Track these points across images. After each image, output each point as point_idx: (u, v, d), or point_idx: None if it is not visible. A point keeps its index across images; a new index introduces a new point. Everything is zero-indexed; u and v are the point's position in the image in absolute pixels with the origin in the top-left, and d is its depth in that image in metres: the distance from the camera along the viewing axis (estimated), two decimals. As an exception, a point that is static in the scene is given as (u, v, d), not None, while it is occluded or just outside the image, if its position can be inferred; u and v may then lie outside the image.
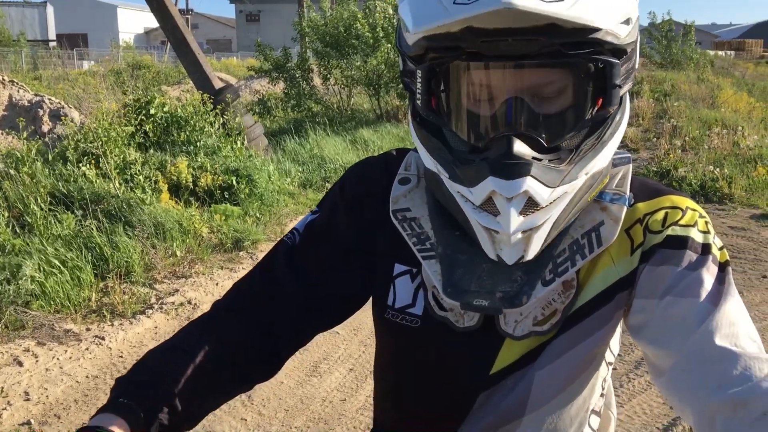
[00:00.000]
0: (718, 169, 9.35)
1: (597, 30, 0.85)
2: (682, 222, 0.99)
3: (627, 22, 0.90)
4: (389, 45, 13.61)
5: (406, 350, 1.10)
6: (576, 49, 0.86)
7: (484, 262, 0.98)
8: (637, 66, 0.97)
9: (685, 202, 1.02)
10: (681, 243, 0.97)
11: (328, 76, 14.41)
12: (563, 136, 0.92)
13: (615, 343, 1.09)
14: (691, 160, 10.31)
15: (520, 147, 0.88)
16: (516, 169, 0.87)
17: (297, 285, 1.10)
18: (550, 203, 0.90)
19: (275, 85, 14.82)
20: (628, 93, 0.98)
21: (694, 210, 1.01)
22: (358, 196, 1.15)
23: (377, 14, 13.86)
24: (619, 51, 0.90)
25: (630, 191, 1.02)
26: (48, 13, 43.37)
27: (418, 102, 0.96)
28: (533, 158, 0.88)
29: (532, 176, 0.87)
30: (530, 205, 0.89)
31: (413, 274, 1.08)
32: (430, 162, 0.99)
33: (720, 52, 42.92)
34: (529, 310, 0.98)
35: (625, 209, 0.99)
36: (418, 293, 1.07)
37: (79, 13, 56.79)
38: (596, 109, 0.93)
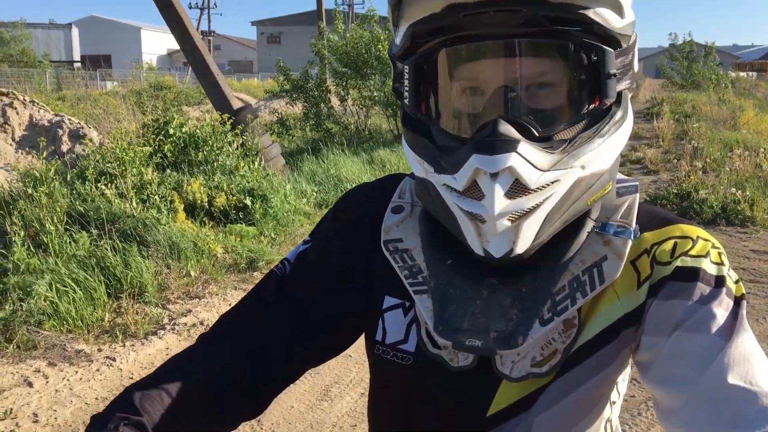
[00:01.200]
0: (740, 192, 9.19)
1: (584, 8, 0.84)
2: (692, 252, 0.92)
3: (618, 10, 0.88)
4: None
5: (398, 388, 1.04)
6: (562, 25, 0.85)
7: (478, 298, 0.92)
8: (636, 68, 0.93)
9: (695, 231, 0.96)
10: (692, 275, 0.90)
11: (346, 96, 14.46)
12: (556, 127, 0.88)
13: (622, 382, 1.03)
14: (713, 182, 10.15)
15: (506, 127, 0.84)
16: (501, 144, 0.83)
17: (290, 311, 1.05)
18: (541, 188, 0.85)
19: (294, 105, 14.91)
20: (629, 96, 0.94)
21: (706, 240, 0.95)
22: (351, 224, 1.10)
23: (397, 35, 13.89)
24: (611, 40, 0.88)
25: (636, 222, 0.96)
26: (73, 35, 44.20)
27: (406, 101, 0.94)
28: (522, 140, 0.85)
29: (518, 153, 0.83)
30: (518, 188, 0.84)
31: (406, 308, 1.03)
32: (417, 165, 0.95)
33: (741, 73, 42.63)
34: (527, 351, 0.91)
35: (629, 244, 0.92)
36: (411, 329, 1.01)
37: (103, 35, 57.87)
38: (594, 106, 0.89)
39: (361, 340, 1.14)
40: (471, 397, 0.96)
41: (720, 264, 0.92)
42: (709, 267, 0.91)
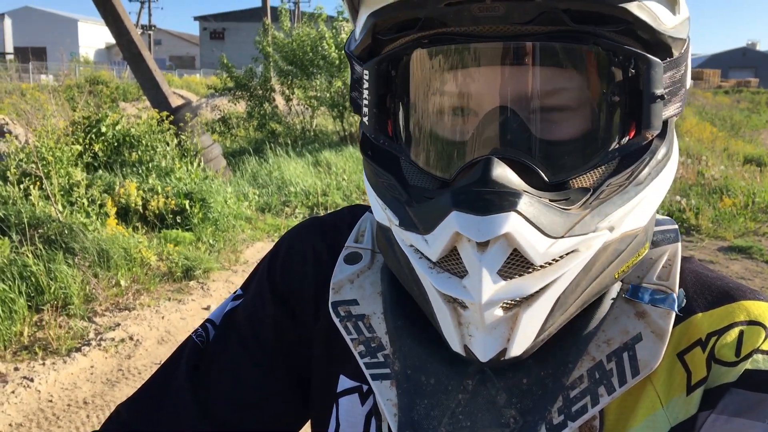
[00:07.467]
0: (684, 200, 9.24)
1: None
2: None
3: (672, 2, 0.63)
4: (355, 67, 13.36)
5: None
6: (592, 24, 0.60)
7: (460, 390, 0.66)
8: (688, 84, 0.68)
9: None
10: None
11: (291, 96, 14.13)
12: (574, 170, 0.63)
13: None
14: (657, 190, 10.21)
15: (502, 170, 0.58)
16: (494, 198, 0.57)
17: (201, 417, 0.77)
18: (550, 263, 0.59)
19: (237, 103, 14.50)
20: (674, 125, 0.68)
21: None
22: (292, 278, 0.83)
23: (344, 34, 13.62)
24: (660, 46, 0.62)
25: (680, 286, 0.69)
26: (5, 26, 42.43)
27: (365, 119, 0.68)
28: (525, 191, 0.59)
29: (518, 213, 0.56)
30: (517, 263, 0.58)
31: (363, 393, 0.75)
32: (378, 209, 0.69)
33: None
34: None
35: (672, 317, 0.66)
36: (371, 423, 0.74)
37: (38, 27, 55.84)
38: (628, 138, 0.64)
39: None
40: None
41: None
42: None
